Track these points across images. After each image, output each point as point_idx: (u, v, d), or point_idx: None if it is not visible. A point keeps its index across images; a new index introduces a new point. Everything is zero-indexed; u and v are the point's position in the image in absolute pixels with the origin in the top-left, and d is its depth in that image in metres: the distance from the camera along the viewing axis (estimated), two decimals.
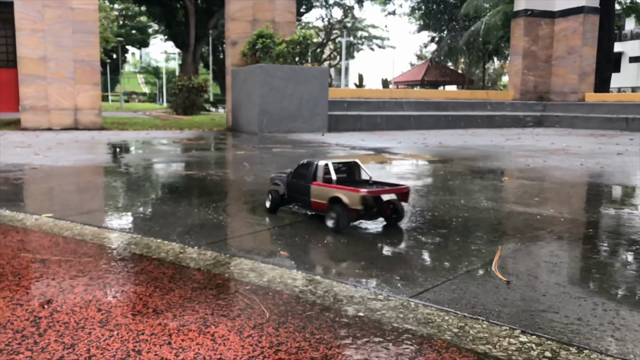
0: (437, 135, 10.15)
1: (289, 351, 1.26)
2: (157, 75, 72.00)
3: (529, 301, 1.61)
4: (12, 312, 1.47)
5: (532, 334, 1.37)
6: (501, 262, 2.01)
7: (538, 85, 14.59)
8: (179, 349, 1.27)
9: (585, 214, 3.05)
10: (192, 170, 4.83)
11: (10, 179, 4.04)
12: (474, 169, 4.97)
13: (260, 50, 10.52)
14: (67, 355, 1.23)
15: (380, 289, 1.70)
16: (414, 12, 36.32)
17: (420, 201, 3.33)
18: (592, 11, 13.80)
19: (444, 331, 1.39)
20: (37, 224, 2.56)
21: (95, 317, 1.45)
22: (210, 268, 1.90)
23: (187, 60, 30.62)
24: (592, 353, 1.27)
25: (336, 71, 50.08)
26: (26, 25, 10.13)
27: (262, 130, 10.06)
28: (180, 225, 2.57)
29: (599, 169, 5.07)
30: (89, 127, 10.67)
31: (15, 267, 1.89)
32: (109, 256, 2.05)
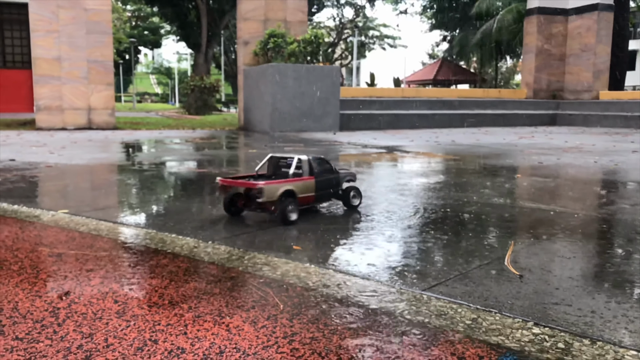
0: (450, 133, 10.11)
1: (303, 341, 1.28)
2: (170, 76, 72.42)
3: (541, 294, 1.61)
4: (32, 303, 1.50)
5: (545, 326, 1.37)
6: (514, 256, 2.01)
7: (551, 84, 14.48)
8: (194, 338, 1.29)
9: (599, 211, 3.04)
10: (204, 168, 4.86)
11: (26, 177, 4.10)
12: (487, 167, 4.95)
13: (272, 50, 10.55)
14: (85, 344, 1.25)
15: (393, 283, 1.71)
16: (425, 10, 36.21)
17: (432, 197, 3.33)
18: (607, 8, 13.67)
19: (456, 323, 1.40)
20: (53, 219, 2.60)
21: (112, 308, 1.48)
22: (224, 262, 1.92)
23: (199, 61, 30.77)
24: (606, 344, 1.27)
25: (347, 71, 50.03)
26: (41, 26, 10.25)
27: (274, 129, 10.09)
28: (194, 221, 2.59)
29: (613, 166, 5.03)
30: (103, 127, 10.77)
31: (33, 260, 1.93)
32: (124, 250, 2.08)
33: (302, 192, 2.56)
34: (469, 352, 1.24)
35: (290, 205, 2.48)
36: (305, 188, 2.58)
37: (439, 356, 1.22)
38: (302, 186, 2.57)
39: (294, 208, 2.50)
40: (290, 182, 2.52)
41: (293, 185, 2.52)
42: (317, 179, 2.63)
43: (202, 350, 1.23)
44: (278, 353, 1.22)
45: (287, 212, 2.47)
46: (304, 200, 2.59)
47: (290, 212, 2.49)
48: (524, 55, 15.05)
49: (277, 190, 2.46)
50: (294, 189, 2.52)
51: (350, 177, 2.89)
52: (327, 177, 2.70)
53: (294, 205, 2.50)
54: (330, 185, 2.73)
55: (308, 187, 2.59)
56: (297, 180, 2.55)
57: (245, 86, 11.57)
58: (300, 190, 2.55)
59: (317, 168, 2.66)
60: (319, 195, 2.66)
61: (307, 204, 2.64)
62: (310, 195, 2.62)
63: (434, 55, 44.71)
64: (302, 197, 2.56)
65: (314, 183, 2.61)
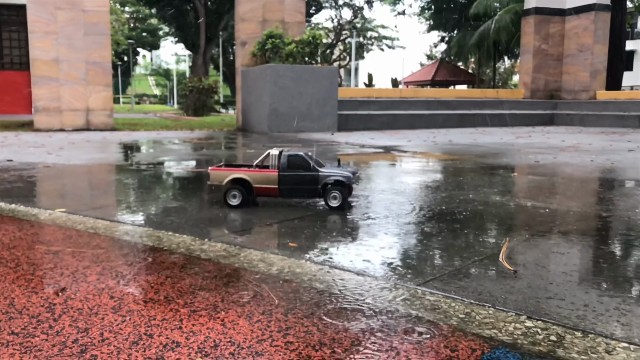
0: (447, 133, 10.13)
1: (297, 335, 1.29)
2: (168, 77, 72.42)
3: (535, 289, 1.63)
4: (28, 299, 1.51)
5: (538, 319, 1.39)
6: (509, 253, 2.02)
7: (549, 84, 14.51)
8: (189, 332, 1.30)
9: (594, 208, 3.05)
10: (202, 168, 4.87)
11: (24, 177, 4.11)
12: (484, 166, 4.97)
13: (269, 51, 10.57)
14: (81, 338, 1.26)
15: (388, 278, 1.72)
16: (423, 11, 36.22)
17: (429, 196, 3.34)
18: (604, 9, 13.70)
19: (450, 317, 1.41)
20: (50, 218, 2.61)
21: (108, 303, 1.49)
22: (220, 259, 1.92)
23: (198, 62, 30.79)
24: (597, 337, 1.28)
25: (346, 72, 50.08)
26: (39, 28, 10.25)
27: (272, 130, 10.10)
28: (191, 219, 2.60)
29: (609, 165, 5.05)
30: (101, 128, 10.77)
31: (30, 258, 1.93)
32: (121, 248, 2.09)
33: (260, 182, 2.79)
34: (461, 345, 1.25)
35: (232, 191, 2.81)
36: (264, 180, 2.79)
37: (432, 349, 1.23)
38: (260, 177, 2.79)
39: (236, 195, 2.81)
40: (242, 171, 2.80)
41: (246, 174, 2.80)
42: (282, 173, 2.77)
43: (197, 344, 1.24)
44: (272, 347, 1.23)
45: (227, 196, 2.83)
46: (263, 190, 2.81)
47: (231, 197, 2.83)
48: (522, 55, 15.08)
49: (225, 176, 2.81)
50: (247, 178, 2.79)
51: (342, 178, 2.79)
52: (296, 173, 2.77)
53: (236, 192, 2.81)
54: (303, 182, 2.79)
55: (268, 179, 2.78)
56: (253, 171, 2.80)
57: (243, 87, 11.58)
58: (256, 180, 2.79)
59: (286, 163, 2.77)
60: (284, 188, 2.80)
61: (269, 194, 2.83)
62: (272, 187, 2.79)
63: (432, 56, 44.75)
64: (260, 187, 2.80)
65: (276, 176, 2.77)
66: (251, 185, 2.81)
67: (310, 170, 2.79)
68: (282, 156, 2.79)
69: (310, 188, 2.81)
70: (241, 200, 2.82)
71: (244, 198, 2.82)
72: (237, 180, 2.82)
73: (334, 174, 2.79)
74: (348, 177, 2.79)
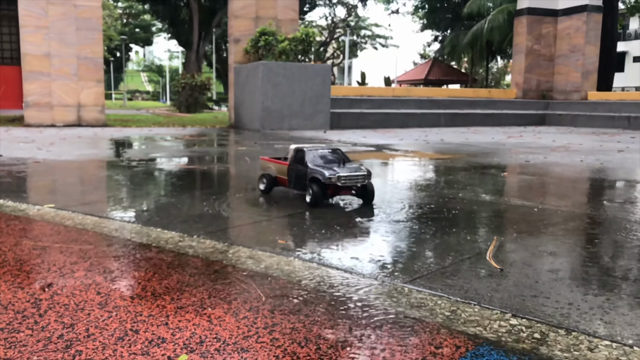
0: (439, 132, 10.16)
1: (283, 331, 1.29)
2: (161, 74, 72.07)
3: (521, 287, 1.64)
4: (14, 295, 1.51)
5: (523, 317, 1.40)
6: (497, 251, 2.03)
7: (541, 84, 14.57)
8: (175, 329, 1.30)
9: (583, 208, 3.07)
10: (193, 165, 4.86)
11: (13, 172, 4.08)
12: (475, 165, 4.99)
13: (262, 48, 10.55)
14: (66, 333, 1.26)
15: (375, 275, 1.73)
16: (417, 10, 36.25)
17: (419, 194, 3.35)
18: (596, 10, 13.77)
19: (436, 314, 1.42)
20: (39, 213, 2.60)
21: (95, 299, 1.48)
22: (208, 255, 1.92)
23: (191, 59, 30.67)
24: (580, 335, 1.29)
25: (339, 70, 50.06)
26: (30, 22, 10.17)
27: (264, 127, 10.09)
28: (181, 216, 2.60)
29: (598, 165, 5.09)
30: (92, 124, 10.71)
31: (17, 253, 1.93)
32: (109, 244, 2.09)
33: (279, 173, 3.09)
34: (446, 342, 1.25)
35: (263, 178, 3.18)
36: (280, 171, 3.08)
37: (417, 346, 1.24)
38: (279, 168, 3.09)
39: (264, 181, 3.18)
40: (272, 161, 3.16)
41: (273, 164, 3.15)
42: (290, 167, 2.99)
43: (183, 340, 1.24)
44: (258, 343, 1.23)
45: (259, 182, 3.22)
46: (281, 180, 3.08)
47: (259, 183, 3.21)
48: (514, 55, 15.13)
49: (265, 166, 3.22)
50: (273, 168, 3.14)
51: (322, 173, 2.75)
52: (297, 167, 2.94)
53: (265, 179, 3.16)
54: (299, 175, 2.92)
55: (282, 170, 3.06)
56: (278, 162, 3.12)
57: (236, 84, 11.55)
58: (277, 171, 3.11)
59: (294, 158, 2.97)
60: (291, 180, 2.99)
61: (285, 185, 3.07)
62: (284, 178, 3.05)
63: (425, 55, 44.81)
64: (279, 177, 3.09)
65: (286, 168, 3.02)
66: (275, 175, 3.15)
67: (304, 166, 2.85)
68: (295, 151, 2.99)
69: (304, 183, 2.87)
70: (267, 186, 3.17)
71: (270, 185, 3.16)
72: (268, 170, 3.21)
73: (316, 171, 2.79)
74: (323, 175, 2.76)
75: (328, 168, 2.79)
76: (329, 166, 2.82)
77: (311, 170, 2.82)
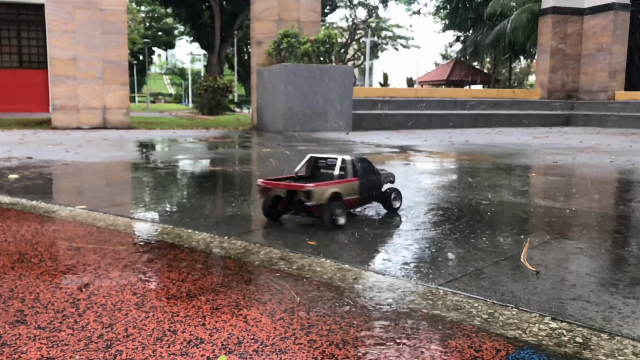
0: (463, 133, 10.07)
1: (320, 333, 1.29)
2: (183, 77, 72.85)
3: (558, 290, 1.61)
4: (52, 294, 1.53)
5: (563, 321, 1.37)
6: (530, 253, 2.00)
7: (566, 84, 14.36)
8: (212, 329, 1.30)
9: (616, 209, 3.01)
10: (219, 167, 4.89)
11: (44, 174, 4.15)
12: (501, 166, 4.93)
13: (285, 50, 10.58)
14: (106, 333, 1.27)
15: (409, 278, 1.72)
16: (439, 11, 36.07)
17: (447, 196, 3.32)
18: (623, 8, 13.53)
19: (473, 317, 1.40)
20: (71, 215, 2.63)
21: (131, 300, 1.50)
22: (240, 256, 1.93)
23: (213, 61, 30.91)
24: (624, 339, 1.26)
25: (360, 71, 50.00)
26: (57, 27, 10.36)
27: (287, 129, 10.11)
28: (210, 217, 2.62)
29: (630, 166, 4.99)
30: (117, 126, 10.86)
31: (52, 254, 1.95)
32: (142, 245, 2.11)
33: (348, 194, 2.45)
34: (485, 345, 1.24)
35: (339, 208, 2.36)
36: (351, 190, 2.47)
37: (456, 349, 1.22)
38: (348, 188, 2.45)
39: (342, 211, 2.37)
40: (336, 184, 2.40)
41: (339, 187, 2.40)
42: (361, 180, 2.52)
43: (221, 340, 1.24)
44: (295, 344, 1.23)
45: (336, 215, 2.34)
46: (349, 203, 2.48)
47: (339, 216, 2.36)
48: (539, 55, 14.94)
49: (325, 192, 2.33)
50: (341, 192, 2.40)
51: (391, 178, 2.76)
52: (370, 179, 2.58)
53: (341, 209, 2.37)
54: (373, 187, 2.62)
55: (353, 189, 2.48)
56: (343, 182, 2.44)
57: (258, 86, 11.61)
58: (346, 192, 2.43)
59: (361, 169, 2.54)
60: (362, 197, 2.55)
61: (352, 207, 2.55)
62: (354, 198, 2.50)
63: (447, 55, 44.53)
64: (347, 199, 2.45)
65: (358, 185, 2.49)
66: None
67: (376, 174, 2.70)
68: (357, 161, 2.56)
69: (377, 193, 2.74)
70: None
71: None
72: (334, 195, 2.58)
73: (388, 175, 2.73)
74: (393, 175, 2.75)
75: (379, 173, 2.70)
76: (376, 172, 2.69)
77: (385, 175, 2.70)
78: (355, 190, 2.48)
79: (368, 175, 2.57)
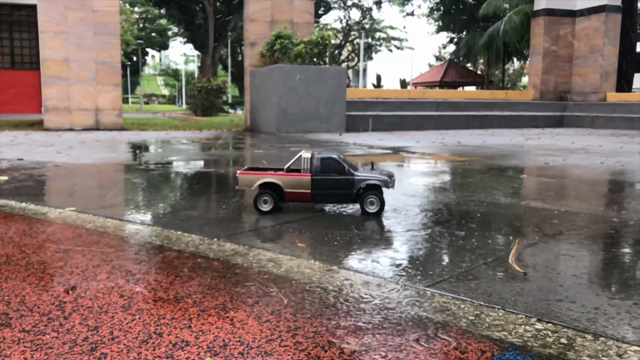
0: (456, 135, 10.10)
1: (306, 335, 1.29)
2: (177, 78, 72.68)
3: (545, 291, 1.62)
4: (38, 297, 1.52)
5: (548, 322, 1.38)
6: (519, 255, 2.01)
7: (558, 85, 14.42)
8: (198, 332, 1.30)
9: (605, 211, 3.03)
10: (210, 168, 4.88)
11: (34, 176, 4.13)
12: (493, 167, 4.95)
13: (278, 51, 10.58)
14: (91, 336, 1.26)
15: (397, 279, 1.72)
16: (432, 12, 36.15)
17: (437, 197, 3.33)
18: (615, 10, 13.60)
19: (459, 318, 1.40)
20: (60, 216, 2.62)
21: (118, 302, 1.49)
22: (229, 258, 1.93)
23: (206, 63, 30.88)
24: (609, 340, 1.27)
25: (354, 72, 50.05)
26: (49, 28, 10.32)
27: (280, 130, 10.11)
28: (200, 219, 2.61)
29: (619, 167, 5.01)
30: (110, 128, 10.83)
31: (40, 256, 1.95)
32: (130, 247, 2.10)
33: (292, 187, 2.65)
34: (471, 347, 1.24)
35: (264, 196, 2.67)
36: (297, 184, 2.65)
37: (441, 350, 1.22)
38: (293, 181, 2.65)
39: (268, 200, 2.68)
40: (274, 175, 2.66)
41: (277, 178, 2.65)
42: (315, 177, 2.63)
43: (207, 343, 1.24)
44: (281, 346, 1.23)
45: (258, 201, 2.68)
46: (295, 195, 2.68)
47: (262, 203, 2.68)
48: (531, 56, 15.00)
49: (255, 180, 2.67)
50: (279, 183, 2.65)
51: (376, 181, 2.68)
52: (331, 178, 2.64)
53: (267, 197, 2.67)
54: (337, 186, 2.65)
55: (301, 183, 2.65)
56: (286, 175, 2.66)
57: (251, 87, 11.60)
58: (288, 185, 2.65)
59: (319, 167, 2.63)
60: (317, 193, 2.66)
61: (301, 200, 2.71)
62: (305, 192, 2.66)
63: (440, 57, 44.64)
64: (292, 192, 2.66)
65: (309, 181, 2.64)
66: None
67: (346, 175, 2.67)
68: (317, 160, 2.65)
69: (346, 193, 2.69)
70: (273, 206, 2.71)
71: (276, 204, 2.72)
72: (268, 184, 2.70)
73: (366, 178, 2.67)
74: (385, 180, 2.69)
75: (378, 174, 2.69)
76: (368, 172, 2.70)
77: (363, 177, 2.65)
78: (306, 185, 2.65)
79: (330, 174, 2.65)
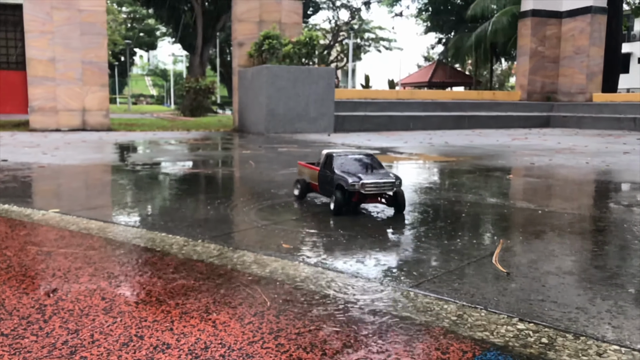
0: (444, 135, 10.14)
1: (289, 337, 1.28)
2: (165, 78, 72.29)
3: (528, 291, 1.62)
4: (18, 300, 1.50)
5: (530, 322, 1.38)
6: (503, 255, 2.02)
7: (545, 86, 14.54)
8: (180, 334, 1.29)
9: (589, 210, 3.05)
10: (198, 169, 4.86)
11: (18, 177, 4.09)
12: (480, 167, 4.97)
13: (266, 51, 10.56)
14: (71, 339, 1.25)
15: (381, 280, 1.72)
16: (421, 13, 36.24)
17: (424, 197, 3.34)
18: (600, 11, 13.74)
19: (442, 319, 1.41)
20: (44, 218, 2.60)
21: (100, 305, 1.48)
22: (213, 260, 1.92)
23: (195, 63, 30.73)
24: (589, 339, 1.28)
25: (343, 73, 50.07)
26: (35, 27, 10.22)
27: (269, 131, 10.09)
28: (185, 220, 2.60)
29: (604, 167, 5.06)
30: (97, 128, 10.75)
31: (21, 258, 1.92)
32: (114, 249, 2.08)
33: (311, 179, 3.07)
34: (453, 347, 1.24)
35: (298, 183, 3.16)
36: (312, 176, 3.04)
37: (423, 351, 1.23)
38: (312, 174, 3.06)
39: (298, 186, 3.15)
40: (307, 166, 3.14)
41: (307, 170, 3.13)
42: (320, 172, 2.95)
43: (188, 345, 1.23)
44: (263, 348, 1.22)
45: (294, 187, 3.20)
46: (314, 186, 3.06)
47: (295, 188, 3.19)
48: (518, 57, 15.11)
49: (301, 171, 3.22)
50: (307, 173, 3.13)
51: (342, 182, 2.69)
52: (324, 173, 2.90)
53: (300, 185, 3.13)
54: (326, 181, 2.87)
55: (314, 176, 3.02)
56: (311, 167, 3.08)
57: (240, 87, 11.57)
58: (310, 176, 3.08)
59: (324, 163, 2.92)
60: (320, 186, 2.96)
61: (317, 191, 3.04)
62: (316, 184, 3.01)
63: (429, 57, 44.80)
64: (312, 183, 3.07)
65: (317, 174, 2.98)
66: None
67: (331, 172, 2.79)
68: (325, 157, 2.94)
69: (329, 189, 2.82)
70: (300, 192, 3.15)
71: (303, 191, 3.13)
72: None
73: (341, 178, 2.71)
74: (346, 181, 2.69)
75: (353, 175, 2.69)
76: (355, 173, 2.71)
77: (337, 176, 2.73)
78: (315, 178, 3.01)
79: (324, 170, 2.91)
